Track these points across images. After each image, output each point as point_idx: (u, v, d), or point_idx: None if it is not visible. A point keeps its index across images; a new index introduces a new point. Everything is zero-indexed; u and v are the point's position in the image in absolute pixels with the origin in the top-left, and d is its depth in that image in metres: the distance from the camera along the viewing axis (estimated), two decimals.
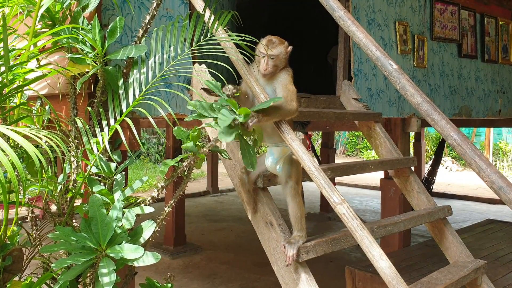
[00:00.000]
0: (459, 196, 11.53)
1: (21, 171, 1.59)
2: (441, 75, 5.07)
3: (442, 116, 2.07)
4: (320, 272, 3.71)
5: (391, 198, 4.67)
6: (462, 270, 2.58)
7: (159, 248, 6.69)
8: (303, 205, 2.29)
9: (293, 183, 2.20)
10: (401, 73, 2.23)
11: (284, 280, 2.20)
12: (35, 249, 2.28)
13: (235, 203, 10.45)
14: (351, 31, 2.37)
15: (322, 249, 2.17)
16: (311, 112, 3.13)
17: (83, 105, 2.46)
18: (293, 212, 2.21)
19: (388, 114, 4.40)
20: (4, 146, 1.57)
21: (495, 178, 1.86)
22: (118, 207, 1.96)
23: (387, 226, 2.54)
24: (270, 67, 2.21)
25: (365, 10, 4.18)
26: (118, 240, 1.86)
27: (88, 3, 2.32)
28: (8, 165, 1.53)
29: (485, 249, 4.49)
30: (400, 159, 3.12)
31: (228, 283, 5.55)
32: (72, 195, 2.25)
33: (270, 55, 2.19)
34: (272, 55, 2.19)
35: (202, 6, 2.45)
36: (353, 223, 1.91)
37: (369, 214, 9.45)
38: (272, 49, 2.19)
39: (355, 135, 20.28)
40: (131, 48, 2.32)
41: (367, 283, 3.66)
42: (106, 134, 2.24)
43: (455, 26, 5.24)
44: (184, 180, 2.35)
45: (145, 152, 16.06)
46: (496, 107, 5.96)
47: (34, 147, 1.62)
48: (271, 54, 2.19)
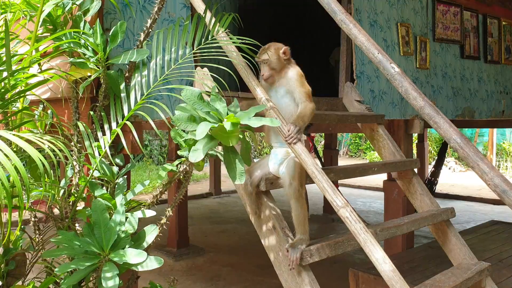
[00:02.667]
0: (462, 197, 11.49)
1: (24, 175, 1.60)
2: (443, 77, 5.06)
3: (444, 119, 2.07)
4: (324, 274, 3.70)
5: (394, 200, 4.66)
6: (466, 272, 2.57)
7: (162, 250, 6.68)
8: (307, 207, 2.29)
9: (296, 185, 2.19)
10: (403, 76, 2.23)
11: (287, 284, 2.20)
12: (38, 254, 2.28)
13: (238, 204, 10.44)
14: (353, 34, 2.37)
15: (325, 253, 2.16)
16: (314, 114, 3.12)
17: (86, 110, 2.46)
18: (296, 215, 2.20)
19: (391, 116, 4.40)
20: (7, 150, 1.57)
21: (498, 181, 1.85)
22: (121, 211, 1.96)
23: (390, 229, 2.53)
24: (267, 71, 2.34)
25: (367, 12, 4.17)
26: (121, 245, 1.86)
27: (90, 8, 2.33)
28: (11, 169, 1.54)
29: (489, 250, 4.47)
30: (403, 161, 3.12)
31: (231, 285, 5.54)
32: (75, 199, 2.25)
33: (262, 60, 2.33)
34: (264, 60, 2.33)
35: (203, 9, 2.46)
36: (356, 227, 1.90)
37: (372, 216, 9.43)
38: (261, 55, 2.34)
39: (358, 136, 20.24)
40: (133, 52, 2.33)
41: (371, 285, 3.65)
42: (108, 138, 2.24)
43: (458, 27, 5.22)
44: (183, 184, 2.34)
45: (148, 154, 16.08)
46: (500, 107, 5.94)
47: (37, 152, 1.62)
48: (263, 59, 2.33)
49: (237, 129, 1.80)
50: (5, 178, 1.56)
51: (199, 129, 1.76)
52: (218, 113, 1.88)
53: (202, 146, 1.84)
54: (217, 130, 1.81)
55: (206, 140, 1.84)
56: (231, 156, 1.90)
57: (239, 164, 1.89)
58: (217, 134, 1.84)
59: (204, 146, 1.83)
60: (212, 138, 1.85)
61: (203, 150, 1.83)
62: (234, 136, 1.83)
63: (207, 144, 1.84)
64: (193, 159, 1.83)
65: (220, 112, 1.90)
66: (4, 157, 1.56)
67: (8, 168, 1.54)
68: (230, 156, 1.91)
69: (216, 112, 1.89)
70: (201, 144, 1.84)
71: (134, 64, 2.43)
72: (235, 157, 1.90)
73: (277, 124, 1.91)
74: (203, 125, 1.78)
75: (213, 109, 1.90)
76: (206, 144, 1.84)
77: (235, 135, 1.82)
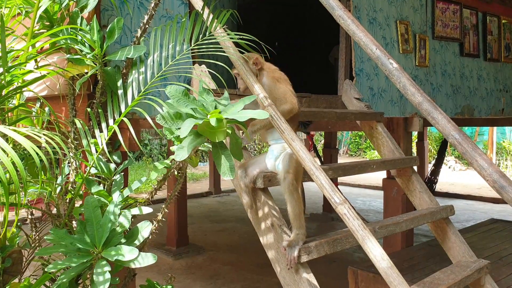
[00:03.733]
0: (462, 196, 11.48)
1: (22, 171, 1.58)
2: (443, 74, 5.04)
3: (443, 115, 2.05)
4: (322, 272, 3.70)
5: (394, 198, 4.65)
6: (465, 270, 2.56)
7: (162, 249, 6.68)
8: (303, 202, 2.27)
9: (291, 179, 2.17)
10: (401, 72, 2.21)
11: (285, 281, 2.19)
12: (34, 251, 2.28)
13: (238, 203, 10.43)
14: (351, 30, 2.36)
15: (324, 250, 2.15)
16: (312, 112, 3.11)
17: (83, 106, 2.45)
18: (291, 209, 2.18)
19: (390, 113, 4.39)
20: (5, 145, 1.56)
21: (496, 177, 1.84)
22: (113, 208, 1.95)
23: (389, 226, 2.52)
24: (241, 84, 2.42)
25: (366, 9, 4.16)
26: (114, 242, 1.85)
27: (87, 4, 2.31)
28: (9, 165, 1.52)
29: (488, 248, 4.46)
30: (402, 158, 3.10)
31: (230, 284, 5.54)
32: (72, 196, 2.24)
33: (236, 73, 2.41)
34: (236, 73, 2.41)
35: (201, 6, 2.44)
36: (354, 224, 1.89)
37: (372, 214, 9.42)
38: (233, 69, 2.41)
39: (358, 135, 20.24)
40: (130, 48, 2.31)
41: (370, 283, 3.64)
42: (105, 135, 2.23)
43: (457, 25, 5.21)
44: (178, 180, 2.33)
45: (148, 154, 16.06)
46: (499, 106, 5.92)
47: (35, 146, 1.61)
48: (235, 73, 2.42)
49: (222, 124, 1.76)
50: (3, 174, 1.55)
51: (183, 126, 1.72)
52: (204, 109, 1.85)
53: (187, 144, 1.80)
54: (203, 126, 1.77)
55: (191, 137, 1.80)
56: (220, 151, 1.87)
57: (227, 160, 1.85)
58: (204, 130, 1.79)
59: (189, 144, 1.79)
60: (198, 134, 1.81)
61: (188, 148, 1.79)
62: (220, 132, 1.78)
63: (193, 141, 1.80)
64: (178, 157, 1.78)
65: (207, 107, 1.87)
66: (1, 152, 1.54)
67: (6, 164, 1.52)
68: (219, 152, 1.87)
69: (203, 107, 1.86)
70: (187, 141, 1.80)
71: (131, 61, 2.42)
72: (223, 152, 1.86)
73: (266, 116, 1.86)
74: (188, 122, 1.74)
75: (198, 104, 1.87)
76: (192, 141, 1.80)
77: (221, 130, 1.78)
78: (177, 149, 1.79)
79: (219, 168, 1.84)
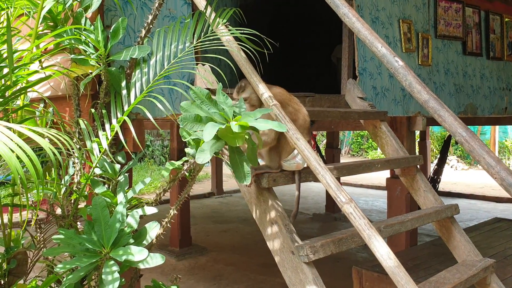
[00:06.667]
0: (465, 195, 11.46)
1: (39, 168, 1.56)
2: (446, 73, 5.03)
3: (449, 112, 2.04)
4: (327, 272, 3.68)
5: (398, 197, 4.64)
6: (470, 269, 2.55)
7: (165, 249, 6.68)
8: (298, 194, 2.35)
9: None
10: (407, 70, 2.20)
11: (291, 281, 2.18)
12: (39, 252, 2.27)
13: (240, 204, 10.43)
14: (356, 28, 2.35)
15: (329, 249, 2.14)
16: (316, 112, 3.10)
17: (87, 107, 2.44)
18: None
19: (394, 112, 4.37)
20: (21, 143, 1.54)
21: (504, 174, 1.83)
22: (121, 208, 1.94)
23: (394, 225, 2.51)
24: (248, 108, 2.37)
25: (368, 8, 4.15)
26: (122, 242, 1.84)
27: (90, 4, 2.31)
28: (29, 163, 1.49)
29: (493, 247, 4.45)
30: (407, 157, 3.09)
31: (234, 284, 5.53)
32: (76, 197, 2.24)
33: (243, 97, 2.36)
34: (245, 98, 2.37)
35: (204, 5, 2.44)
36: (360, 222, 1.88)
37: (375, 214, 9.41)
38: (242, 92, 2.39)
39: (360, 135, 20.22)
40: (134, 49, 2.31)
41: (374, 283, 3.63)
42: (108, 135, 2.22)
43: (460, 23, 5.20)
44: (189, 182, 2.32)
45: (150, 155, 16.06)
46: (502, 104, 5.91)
47: (49, 143, 1.60)
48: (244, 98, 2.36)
49: (244, 131, 1.77)
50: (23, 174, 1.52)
51: (207, 130, 1.71)
52: (224, 114, 1.86)
53: (209, 147, 1.80)
54: (223, 131, 1.78)
55: (213, 141, 1.81)
56: (237, 156, 1.88)
57: (245, 165, 1.86)
58: (224, 135, 1.80)
59: (211, 147, 1.80)
60: (218, 138, 1.81)
61: (210, 151, 1.79)
62: (240, 137, 1.80)
63: (214, 145, 1.81)
64: (200, 160, 1.79)
65: (227, 112, 1.87)
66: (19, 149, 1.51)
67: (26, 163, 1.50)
68: (236, 157, 1.88)
69: (223, 112, 1.86)
70: (208, 145, 1.80)
71: (135, 61, 2.41)
72: (241, 158, 1.88)
73: (284, 130, 1.88)
74: (211, 126, 1.73)
75: (220, 109, 1.88)
76: (213, 145, 1.81)
77: (241, 135, 1.79)
78: (198, 152, 1.79)
79: (236, 173, 1.85)
